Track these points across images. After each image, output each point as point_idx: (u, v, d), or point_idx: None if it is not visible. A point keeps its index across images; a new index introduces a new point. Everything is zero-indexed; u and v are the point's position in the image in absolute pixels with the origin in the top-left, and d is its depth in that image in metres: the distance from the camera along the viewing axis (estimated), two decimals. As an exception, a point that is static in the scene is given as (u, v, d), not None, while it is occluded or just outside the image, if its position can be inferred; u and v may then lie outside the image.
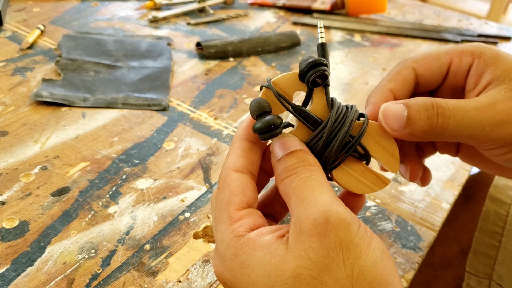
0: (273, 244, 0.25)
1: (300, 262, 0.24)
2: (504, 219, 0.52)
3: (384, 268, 0.24)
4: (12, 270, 0.37)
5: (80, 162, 0.48)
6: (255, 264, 0.25)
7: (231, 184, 0.28)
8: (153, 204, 0.44)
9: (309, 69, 0.29)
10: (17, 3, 0.76)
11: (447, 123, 0.28)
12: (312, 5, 0.86)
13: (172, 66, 0.65)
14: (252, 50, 0.71)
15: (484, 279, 0.53)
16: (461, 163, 0.55)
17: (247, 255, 0.25)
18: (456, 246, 0.59)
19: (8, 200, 0.43)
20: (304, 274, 0.23)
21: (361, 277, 0.23)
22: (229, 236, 0.26)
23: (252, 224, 0.27)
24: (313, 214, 0.24)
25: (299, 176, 0.26)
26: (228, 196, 0.28)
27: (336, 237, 0.24)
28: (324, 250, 0.24)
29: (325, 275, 0.23)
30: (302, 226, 0.24)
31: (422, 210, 0.48)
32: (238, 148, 0.29)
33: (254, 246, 0.25)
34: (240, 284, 0.25)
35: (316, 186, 0.26)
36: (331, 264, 0.23)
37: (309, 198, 0.25)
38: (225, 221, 0.27)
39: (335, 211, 0.24)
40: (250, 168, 0.29)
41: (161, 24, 0.77)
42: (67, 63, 0.62)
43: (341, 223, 0.24)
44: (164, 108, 0.57)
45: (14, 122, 0.52)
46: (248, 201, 0.28)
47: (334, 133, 0.29)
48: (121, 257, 0.39)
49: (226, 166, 0.29)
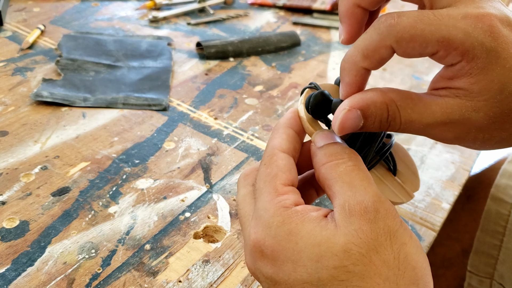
0: (322, 220, 0.26)
1: (351, 238, 0.25)
2: (506, 219, 0.52)
3: (423, 259, 0.26)
4: (13, 270, 0.37)
5: (80, 162, 0.48)
6: (304, 233, 0.25)
7: (278, 162, 0.29)
8: (153, 204, 0.44)
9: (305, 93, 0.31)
10: (17, 3, 0.76)
11: (397, 129, 0.28)
12: (312, 5, 0.86)
13: (172, 66, 0.65)
14: (252, 50, 0.71)
15: (485, 278, 0.53)
16: (461, 163, 0.55)
17: (295, 224, 0.26)
18: (458, 245, 0.59)
19: (9, 200, 0.43)
20: (353, 250, 0.24)
21: (406, 261, 0.25)
22: (276, 206, 0.27)
23: (297, 200, 0.28)
24: (364, 201, 0.26)
25: (347, 163, 0.28)
26: (275, 171, 0.28)
27: (385, 224, 0.25)
28: (373, 234, 0.25)
29: (373, 255, 0.24)
30: (352, 210, 0.25)
31: (422, 210, 0.48)
32: (283, 133, 0.30)
33: (303, 218, 0.26)
34: (285, 250, 0.26)
35: (364, 177, 0.27)
36: (380, 247, 0.25)
37: (359, 186, 0.26)
38: (271, 192, 0.28)
39: (384, 202, 0.26)
40: (293, 153, 0.30)
41: (161, 24, 0.77)
42: (67, 63, 0.62)
43: (389, 214, 0.26)
44: (164, 108, 0.57)
45: (14, 122, 0.52)
46: (292, 179, 0.29)
47: (371, 136, 0.31)
48: (121, 257, 0.39)
49: (273, 145, 0.30)
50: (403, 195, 0.32)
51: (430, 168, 0.53)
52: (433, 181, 0.52)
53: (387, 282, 0.24)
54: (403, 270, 0.24)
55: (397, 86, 0.67)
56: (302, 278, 0.25)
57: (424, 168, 0.53)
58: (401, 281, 0.24)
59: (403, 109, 0.27)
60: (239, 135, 0.54)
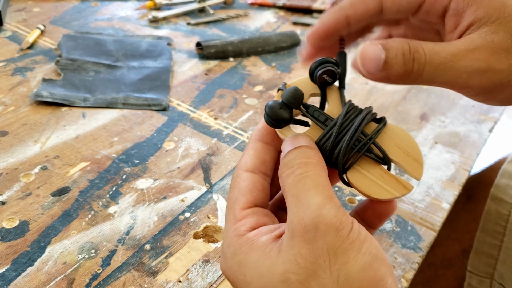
0: (268, 246, 0.25)
1: (289, 266, 0.24)
2: (506, 219, 0.52)
3: (374, 273, 0.23)
4: (12, 270, 0.37)
5: (80, 162, 0.48)
6: (251, 265, 0.25)
7: (240, 184, 0.28)
8: (153, 204, 0.44)
9: (317, 66, 0.29)
10: (17, 3, 0.76)
11: (422, 69, 0.27)
12: (312, 5, 0.86)
13: (172, 66, 0.65)
14: (252, 50, 0.71)
15: (485, 278, 0.53)
16: (461, 163, 0.55)
17: (244, 255, 0.26)
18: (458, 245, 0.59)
19: (8, 200, 0.43)
20: (292, 279, 0.24)
21: (347, 283, 0.23)
22: (231, 235, 0.27)
23: (255, 223, 0.27)
24: (304, 219, 0.24)
25: (295, 173, 0.26)
26: (236, 195, 0.28)
27: (324, 243, 0.23)
28: (312, 256, 0.24)
29: (312, 281, 0.23)
30: (294, 231, 0.24)
31: (422, 210, 0.48)
32: (251, 149, 0.29)
33: (251, 246, 0.26)
34: (238, 282, 0.26)
35: (310, 186, 0.25)
36: (318, 270, 0.23)
37: (303, 200, 0.25)
38: (230, 219, 0.28)
39: (325, 216, 0.24)
40: (262, 168, 0.29)
41: (161, 24, 0.77)
42: (67, 63, 0.62)
43: (330, 229, 0.24)
44: (164, 108, 0.57)
45: (14, 122, 0.52)
46: (254, 200, 0.28)
47: (345, 131, 0.28)
48: (121, 257, 0.39)
49: (238, 166, 0.29)
50: (397, 188, 0.28)
51: (430, 168, 0.53)
52: (433, 181, 0.52)
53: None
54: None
55: (396, 88, 0.67)
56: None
57: (424, 168, 0.53)
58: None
59: (424, 43, 0.27)
60: (239, 135, 0.54)
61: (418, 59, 0.27)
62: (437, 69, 0.27)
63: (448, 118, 0.62)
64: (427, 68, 0.27)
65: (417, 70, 0.27)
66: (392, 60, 0.26)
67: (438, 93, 0.67)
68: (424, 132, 0.59)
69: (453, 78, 0.27)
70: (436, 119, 0.62)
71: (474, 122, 0.62)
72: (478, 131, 0.61)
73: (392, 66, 0.27)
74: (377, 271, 0.24)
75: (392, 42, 0.27)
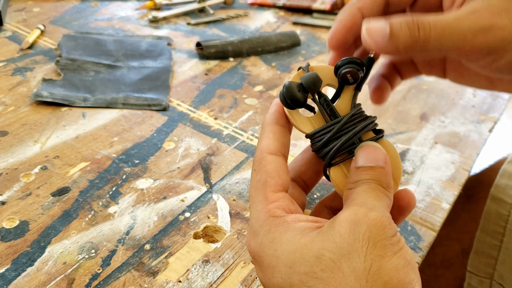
0: (307, 229, 0.26)
1: (325, 244, 0.24)
2: (505, 219, 0.52)
3: (405, 276, 0.24)
4: (12, 270, 0.37)
5: (80, 162, 0.48)
6: (285, 241, 0.26)
7: (267, 167, 0.29)
8: (153, 204, 0.44)
9: (344, 64, 0.30)
10: (17, 3, 0.76)
11: (429, 35, 0.27)
12: (312, 5, 0.86)
13: (172, 66, 0.65)
14: (252, 50, 0.71)
15: (485, 278, 0.53)
16: (461, 163, 0.55)
17: (279, 233, 0.26)
18: (457, 246, 0.59)
19: (8, 200, 0.43)
20: (325, 256, 0.24)
21: (377, 274, 0.23)
22: (265, 215, 0.27)
23: (287, 207, 0.28)
24: (355, 207, 0.25)
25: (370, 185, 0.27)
26: (264, 177, 0.29)
27: (368, 230, 0.24)
28: (351, 238, 0.24)
29: (344, 262, 0.24)
30: (340, 215, 0.25)
31: (422, 210, 0.48)
32: (270, 132, 0.30)
33: (288, 227, 0.26)
34: (267, 257, 0.26)
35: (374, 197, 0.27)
36: (353, 253, 0.24)
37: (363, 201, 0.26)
38: (261, 201, 0.28)
39: (377, 211, 0.25)
40: (283, 151, 0.30)
41: (161, 24, 0.77)
42: (67, 63, 0.62)
43: (378, 223, 0.24)
44: (164, 108, 0.57)
45: (14, 122, 0.52)
46: (282, 183, 0.29)
47: (344, 131, 0.29)
48: (121, 257, 0.39)
49: (261, 148, 0.30)
50: None
51: (430, 168, 0.53)
52: (433, 181, 0.52)
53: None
54: (371, 283, 0.23)
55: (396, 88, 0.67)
56: (278, 283, 0.25)
57: (424, 168, 0.53)
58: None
59: (426, 14, 0.28)
60: (239, 135, 0.54)
61: (423, 26, 0.27)
62: (443, 32, 0.27)
63: (448, 118, 0.62)
64: (433, 33, 0.27)
65: (424, 36, 0.28)
66: (398, 31, 0.27)
67: (438, 93, 0.67)
68: (424, 132, 0.59)
69: (459, 41, 0.28)
70: (436, 119, 0.62)
71: (474, 122, 0.62)
72: (478, 131, 0.61)
73: (398, 37, 0.27)
74: (407, 275, 0.24)
75: (394, 16, 0.28)
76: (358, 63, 0.30)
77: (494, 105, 0.67)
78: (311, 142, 0.31)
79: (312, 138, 0.30)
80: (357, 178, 0.28)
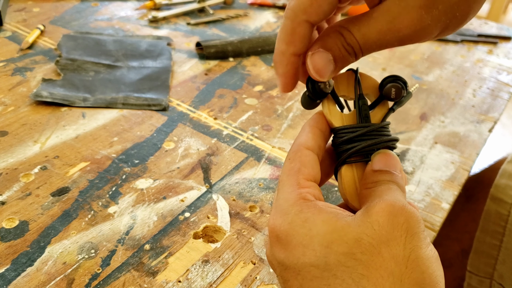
0: (340, 213, 0.27)
1: (364, 229, 0.25)
2: (505, 219, 0.52)
3: (437, 268, 0.25)
4: (12, 270, 0.37)
5: (80, 162, 0.48)
6: (319, 221, 0.26)
7: (303, 158, 0.30)
8: (153, 204, 0.44)
9: (392, 79, 0.31)
10: (17, 3, 0.76)
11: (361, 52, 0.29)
12: (312, 5, 0.86)
13: (172, 66, 0.65)
14: (252, 50, 0.71)
15: (485, 278, 0.53)
16: (461, 163, 0.55)
17: (312, 214, 0.27)
18: (457, 245, 0.59)
19: (8, 200, 0.43)
20: (364, 240, 0.25)
21: (416, 263, 0.24)
22: (296, 197, 0.28)
23: (318, 196, 0.28)
24: (389, 200, 0.26)
25: (389, 185, 0.28)
26: (298, 166, 0.29)
27: (405, 221, 0.25)
28: (389, 226, 0.25)
29: (383, 247, 0.24)
30: (374, 206, 0.26)
31: (422, 210, 0.48)
32: (310, 132, 0.31)
33: (321, 210, 0.27)
34: (298, 235, 0.26)
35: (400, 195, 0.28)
36: (392, 241, 0.25)
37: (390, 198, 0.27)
38: (292, 184, 0.29)
39: (411, 206, 0.26)
40: (318, 151, 0.31)
41: (161, 24, 0.77)
42: (67, 63, 0.62)
43: (414, 217, 0.25)
44: (164, 108, 0.57)
45: (14, 122, 0.52)
46: (314, 175, 0.29)
47: (369, 137, 0.31)
48: (121, 257, 0.39)
49: (299, 142, 0.31)
50: None
51: (430, 168, 0.53)
52: (433, 181, 0.52)
53: (391, 277, 0.24)
54: (410, 269, 0.24)
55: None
56: (310, 261, 0.26)
57: (424, 168, 0.53)
58: (406, 279, 0.24)
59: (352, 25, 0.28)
60: (239, 135, 0.54)
61: (353, 44, 0.28)
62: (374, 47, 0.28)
63: (448, 118, 0.62)
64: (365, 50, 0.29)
65: (358, 55, 0.29)
66: (337, 54, 0.28)
67: (438, 93, 0.67)
68: (424, 132, 0.59)
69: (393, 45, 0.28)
70: (436, 119, 0.62)
71: (474, 122, 0.62)
72: (478, 131, 0.61)
73: (340, 59, 0.29)
74: (438, 268, 0.26)
75: (328, 39, 0.29)
76: (404, 82, 0.31)
77: (494, 105, 0.67)
78: (335, 136, 0.32)
79: (339, 132, 0.31)
80: (376, 179, 0.29)
